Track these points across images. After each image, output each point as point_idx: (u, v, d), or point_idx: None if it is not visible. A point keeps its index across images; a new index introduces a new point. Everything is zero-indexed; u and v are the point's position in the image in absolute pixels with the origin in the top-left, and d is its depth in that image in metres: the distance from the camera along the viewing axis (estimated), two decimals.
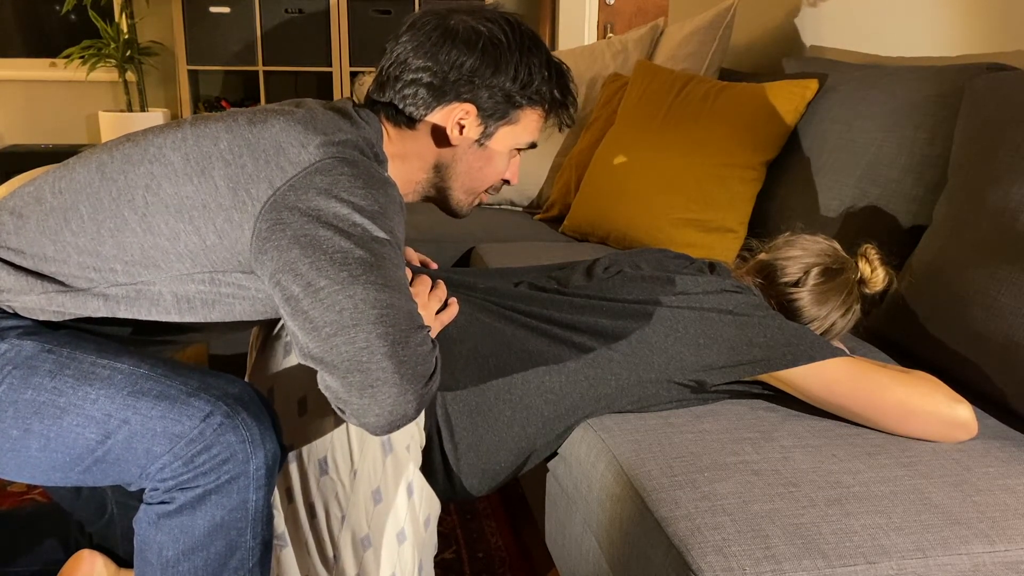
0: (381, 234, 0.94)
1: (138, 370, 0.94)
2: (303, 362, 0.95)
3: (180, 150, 0.98)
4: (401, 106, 1.10)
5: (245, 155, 0.96)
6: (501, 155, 1.15)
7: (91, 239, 0.97)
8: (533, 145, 1.19)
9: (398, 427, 0.94)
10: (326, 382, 0.93)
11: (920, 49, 1.90)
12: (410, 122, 1.11)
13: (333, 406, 0.95)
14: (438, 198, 1.18)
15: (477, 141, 1.12)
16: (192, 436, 0.91)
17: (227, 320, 1.03)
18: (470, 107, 1.09)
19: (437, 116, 1.10)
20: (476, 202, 1.20)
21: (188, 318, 1.01)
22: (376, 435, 0.95)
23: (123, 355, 0.96)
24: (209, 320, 1.02)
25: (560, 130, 1.21)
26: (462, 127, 1.11)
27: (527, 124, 1.15)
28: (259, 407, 0.96)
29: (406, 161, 1.13)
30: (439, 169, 1.14)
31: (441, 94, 1.09)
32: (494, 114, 1.11)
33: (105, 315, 1.00)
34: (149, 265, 0.97)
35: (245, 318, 1.04)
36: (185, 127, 1.01)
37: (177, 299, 1.00)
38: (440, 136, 1.11)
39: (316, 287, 0.91)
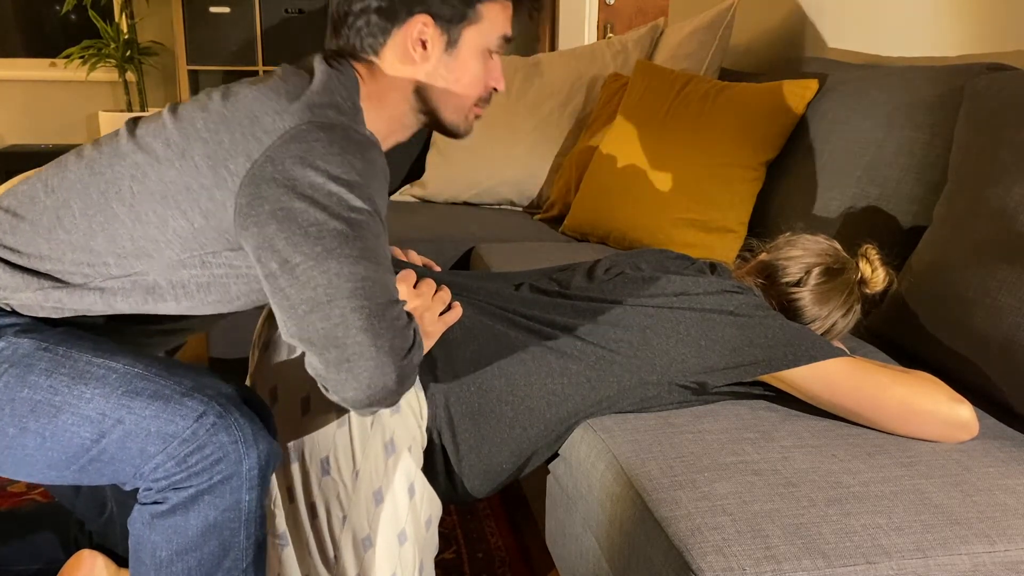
0: (358, 203, 0.93)
1: (133, 369, 0.95)
2: (288, 341, 0.95)
3: (161, 137, 0.98)
4: (359, 42, 1.07)
5: (221, 131, 0.96)
6: (475, 61, 1.09)
7: (83, 235, 0.98)
8: (508, 40, 1.11)
9: (380, 402, 0.93)
10: (309, 360, 0.93)
11: (920, 49, 1.90)
12: (373, 54, 1.07)
13: (319, 385, 0.95)
14: (433, 123, 1.13)
15: (445, 52, 1.07)
16: (185, 436, 0.91)
17: (224, 302, 1.03)
18: (426, 18, 1.05)
19: (397, 39, 1.06)
20: (472, 117, 1.14)
21: (184, 303, 1.01)
22: (358, 410, 0.94)
23: (118, 354, 0.96)
24: (206, 302, 1.02)
25: (530, 17, 1.13)
26: (424, 43, 1.06)
27: (493, 18, 1.08)
28: (253, 407, 0.96)
29: (384, 99, 1.09)
30: (419, 94, 1.09)
31: (392, 14, 1.05)
32: (453, 18, 1.06)
33: (102, 309, 1.00)
34: (141, 255, 0.98)
35: (242, 298, 1.04)
36: (165, 115, 1.01)
37: (172, 286, 1.00)
38: (407, 59, 1.07)
39: (292, 264, 0.91)
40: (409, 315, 0.97)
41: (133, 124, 1.03)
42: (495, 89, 1.13)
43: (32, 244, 0.98)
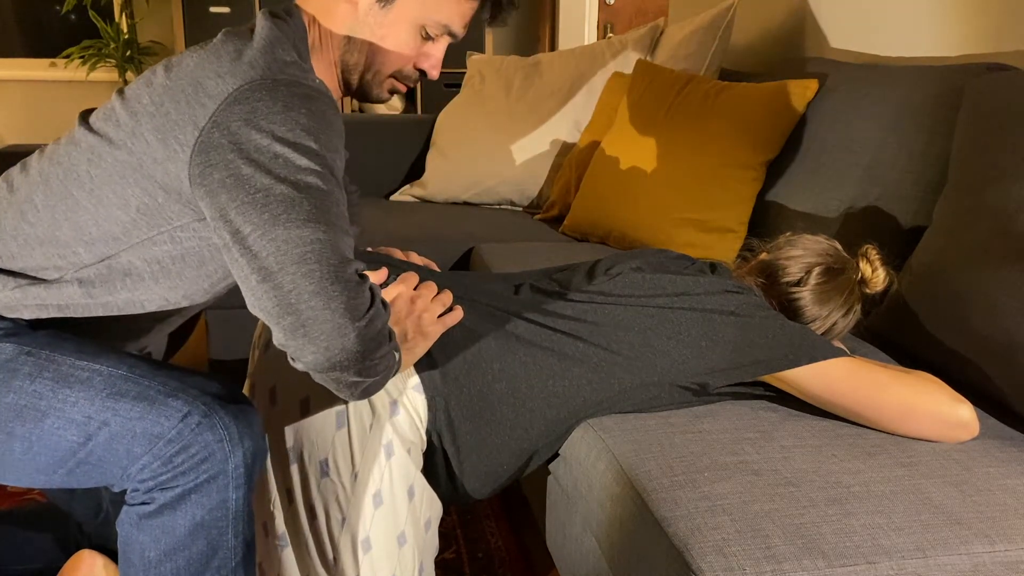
0: (304, 162, 0.91)
1: (116, 371, 0.95)
2: (252, 312, 0.95)
3: (111, 120, 0.98)
4: None
5: (167, 102, 0.95)
6: (406, 28, 1.04)
7: (47, 227, 0.98)
8: (453, 35, 1.06)
9: (341, 364, 0.91)
10: (273, 333, 0.93)
11: (920, 49, 1.90)
12: None
13: (289, 358, 0.95)
14: (353, 84, 1.09)
15: (377, 2, 1.03)
16: (171, 436, 0.92)
17: (203, 276, 1.03)
18: None
19: None
20: (388, 86, 1.10)
21: (163, 281, 1.01)
22: (320, 373, 0.93)
23: (102, 355, 0.96)
24: (185, 276, 1.02)
25: (491, 23, 1.08)
26: None
27: (440, 1, 1.03)
28: (238, 406, 0.96)
29: (325, 45, 1.06)
30: (348, 44, 1.06)
31: None
32: None
33: (83, 300, 1.00)
34: (108, 239, 0.98)
35: (220, 270, 1.04)
36: (114, 98, 1.01)
37: (148, 263, 1.00)
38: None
39: (243, 235, 0.90)
40: (363, 275, 0.95)
41: (87, 113, 1.03)
42: (423, 73, 1.09)
43: (1, 244, 0.99)
